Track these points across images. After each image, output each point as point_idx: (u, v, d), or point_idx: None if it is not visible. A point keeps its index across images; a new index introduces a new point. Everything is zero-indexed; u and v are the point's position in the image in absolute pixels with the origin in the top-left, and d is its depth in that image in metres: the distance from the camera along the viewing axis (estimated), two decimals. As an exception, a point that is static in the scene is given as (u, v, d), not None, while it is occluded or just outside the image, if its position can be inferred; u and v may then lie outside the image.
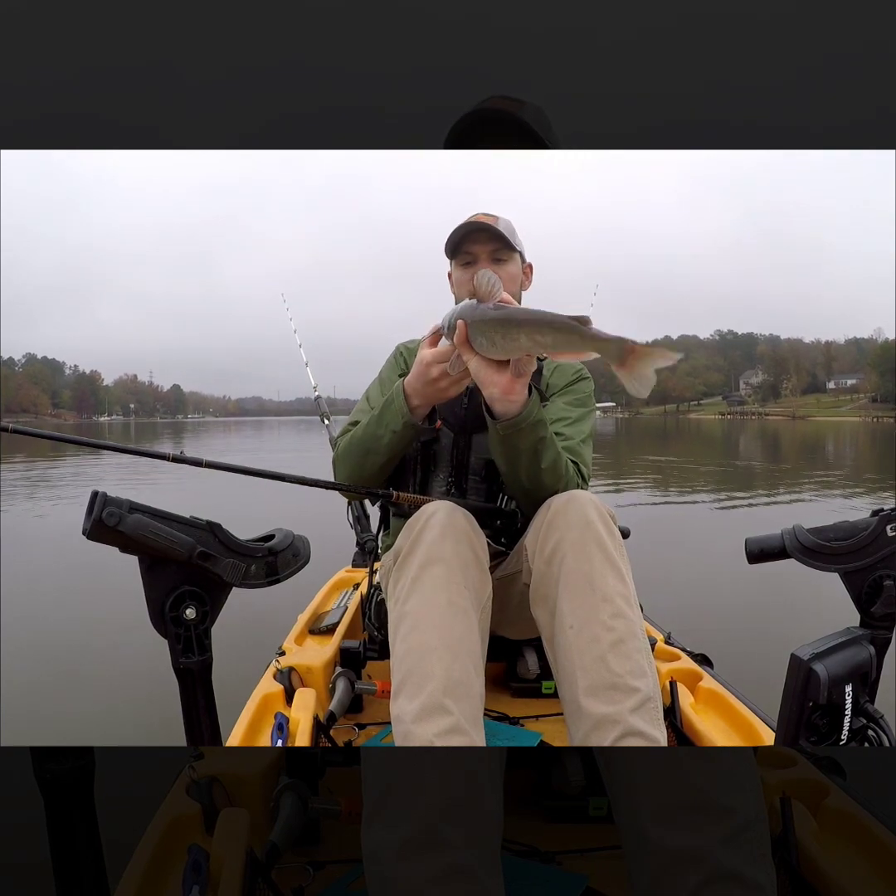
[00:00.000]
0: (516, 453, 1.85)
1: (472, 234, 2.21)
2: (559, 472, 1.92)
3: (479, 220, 2.23)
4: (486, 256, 2.22)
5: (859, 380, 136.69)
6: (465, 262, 2.25)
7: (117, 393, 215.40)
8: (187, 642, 1.47)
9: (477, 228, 2.20)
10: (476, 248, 2.22)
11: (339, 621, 2.66)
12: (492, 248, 2.22)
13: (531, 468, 1.87)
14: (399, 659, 1.64)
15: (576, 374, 2.29)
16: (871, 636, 1.59)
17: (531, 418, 1.77)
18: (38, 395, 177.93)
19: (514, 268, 2.26)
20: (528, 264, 2.35)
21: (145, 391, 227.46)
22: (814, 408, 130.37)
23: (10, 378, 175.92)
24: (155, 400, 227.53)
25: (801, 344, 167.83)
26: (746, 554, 1.74)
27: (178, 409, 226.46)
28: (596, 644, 1.59)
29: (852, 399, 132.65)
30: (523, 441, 1.82)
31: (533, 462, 1.86)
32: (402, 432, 1.95)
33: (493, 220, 2.23)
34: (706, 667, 2.36)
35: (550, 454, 1.88)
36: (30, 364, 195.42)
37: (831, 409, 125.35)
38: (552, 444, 1.88)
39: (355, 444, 2.08)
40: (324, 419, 3.52)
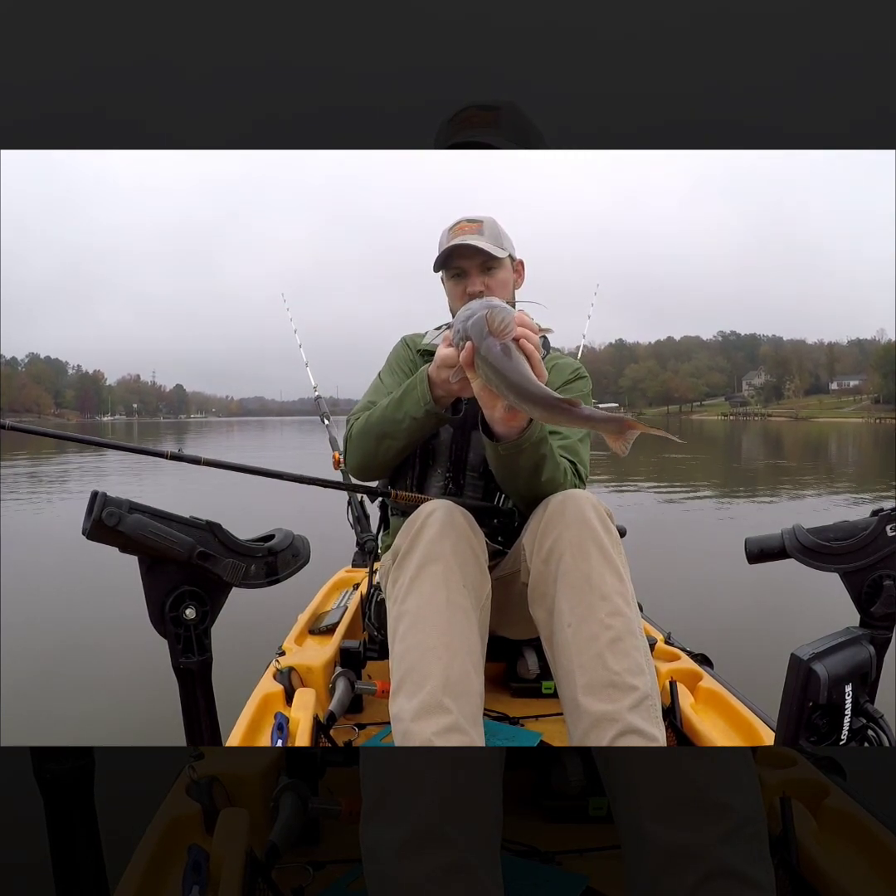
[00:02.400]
0: (515, 471, 1.87)
1: (459, 249, 2.20)
2: (557, 481, 1.92)
3: (462, 228, 2.22)
4: (475, 270, 2.22)
5: (862, 381, 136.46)
6: (454, 275, 2.25)
7: (120, 393, 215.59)
8: (187, 642, 1.48)
9: (462, 247, 2.18)
10: (464, 262, 2.22)
11: (338, 621, 2.66)
12: (480, 260, 2.21)
13: (530, 482, 1.89)
14: (398, 658, 1.65)
15: (573, 373, 2.29)
16: (870, 636, 1.59)
17: (533, 438, 1.78)
18: (41, 395, 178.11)
19: (504, 273, 2.26)
20: (519, 261, 2.34)
21: (148, 391, 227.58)
22: (816, 409, 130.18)
23: (13, 378, 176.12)
24: (158, 400, 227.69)
25: (804, 345, 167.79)
26: (746, 554, 1.74)
27: (180, 409, 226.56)
28: (594, 642, 1.60)
29: (855, 400, 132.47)
30: (524, 460, 1.83)
31: (532, 477, 1.87)
32: (423, 420, 1.95)
33: (476, 226, 2.22)
34: (706, 667, 2.36)
35: (550, 467, 1.89)
36: (33, 364, 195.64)
37: (834, 411, 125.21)
38: (552, 457, 1.89)
39: (372, 427, 2.07)
40: (324, 419, 3.52)
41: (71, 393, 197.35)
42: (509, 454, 1.81)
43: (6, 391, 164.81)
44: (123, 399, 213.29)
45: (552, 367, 2.28)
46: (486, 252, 2.19)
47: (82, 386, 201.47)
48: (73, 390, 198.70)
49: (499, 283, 2.25)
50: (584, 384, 2.29)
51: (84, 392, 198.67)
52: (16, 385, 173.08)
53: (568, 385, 2.25)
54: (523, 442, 1.78)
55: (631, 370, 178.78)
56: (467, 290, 2.22)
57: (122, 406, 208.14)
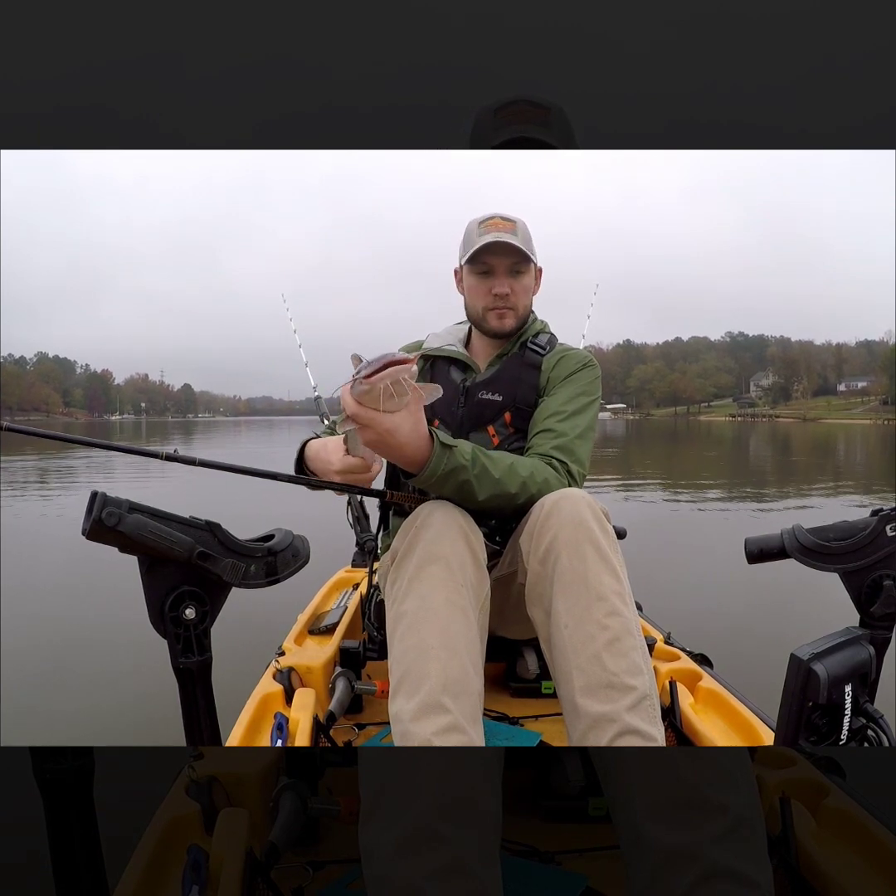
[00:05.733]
0: (447, 495, 1.85)
1: (495, 245, 2.17)
2: (508, 493, 1.86)
3: (497, 225, 2.20)
4: (504, 269, 2.21)
5: (870, 382, 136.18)
6: (481, 272, 2.24)
7: (128, 392, 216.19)
8: (187, 642, 1.48)
9: (501, 245, 2.16)
10: (494, 260, 2.20)
11: (338, 621, 2.66)
12: (511, 262, 2.20)
13: (470, 503, 1.85)
14: (397, 658, 1.65)
15: (579, 364, 2.27)
16: (870, 636, 1.59)
17: (440, 472, 1.74)
18: (49, 394, 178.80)
19: (529, 279, 2.27)
20: (539, 269, 2.34)
21: (156, 390, 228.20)
22: (824, 410, 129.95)
23: (21, 377, 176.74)
24: (166, 399, 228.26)
25: (812, 346, 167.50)
26: (746, 554, 1.74)
27: (188, 409, 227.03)
28: (591, 643, 1.59)
29: (863, 402, 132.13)
30: (445, 490, 1.81)
31: (469, 499, 1.83)
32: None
33: (511, 226, 2.20)
34: (706, 667, 2.36)
35: (486, 487, 1.82)
36: (41, 363, 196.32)
37: (842, 412, 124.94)
38: (485, 477, 1.82)
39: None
40: (323, 419, 3.53)
41: (79, 392, 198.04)
42: (429, 486, 1.80)
43: (15, 390, 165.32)
44: (132, 398, 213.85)
45: (559, 360, 2.27)
46: (520, 253, 2.18)
47: (90, 385, 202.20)
48: (81, 389, 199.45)
49: (523, 288, 2.25)
50: (590, 373, 2.26)
51: (92, 391, 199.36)
52: (24, 384, 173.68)
53: (573, 375, 2.24)
54: (429, 478, 1.74)
55: (639, 371, 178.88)
56: (493, 291, 2.22)
57: (131, 405, 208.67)
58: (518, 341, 2.32)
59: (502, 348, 2.32)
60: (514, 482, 1.87)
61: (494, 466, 1.84)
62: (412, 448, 1.67)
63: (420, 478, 1.74)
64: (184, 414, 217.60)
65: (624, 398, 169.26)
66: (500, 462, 1.87)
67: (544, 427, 2.11)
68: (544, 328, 2.38)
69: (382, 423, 1.59)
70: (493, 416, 2.23)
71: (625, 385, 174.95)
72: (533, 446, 2.09)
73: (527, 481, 1.89)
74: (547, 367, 2.27)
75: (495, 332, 2.28)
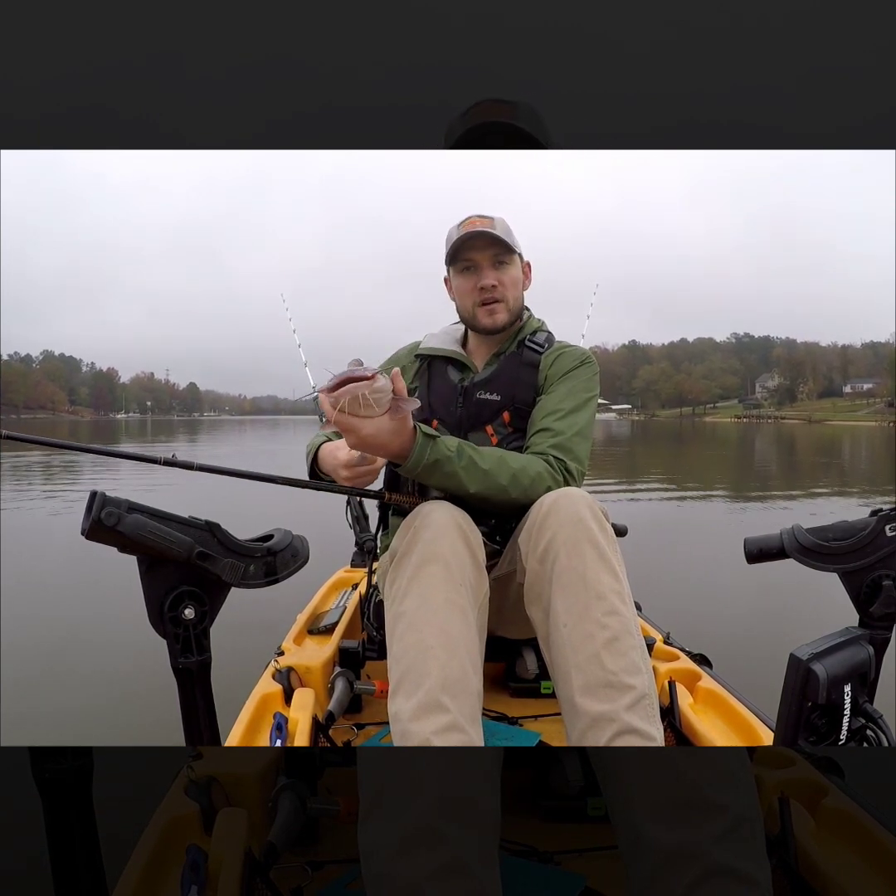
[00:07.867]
0: (437, 486, 1.87)
1: (471, 241, 2.18)
2: (499, 484, 1.87)
3: (474, 224, 2.20)
4: (487, 263, 2.21)
5: (876, 384, 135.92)
6: (464, 268, 2.24)
7: (134, 390, 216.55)
8: (186, 642, 1.48)
9: (476, 234, 2.18)
10: (476, 254, 2.20)
11: (337, 621, 2.66)
12: (492, 253, 2.20)
13: (460, 493, 1.86)
14: (396, 658, 1.65)
15: (577, 361, 2.26)
16: (869, 636, 1.59)
17: (424, 462, 1.76)
18: (55, 392, 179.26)
19: (515, 271, 2.26)
20: (527, 263, 2.33)
21: (162, 389, 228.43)
22: (830, 412, 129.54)
23: (27, 375, 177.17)
24: (171, 398, 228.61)
25: (818, 347, 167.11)
26: (745, 554, 1.74)
27: (194, 408, 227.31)
28: (590, 642, 1.59)
29: (868, 403, 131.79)
30: (433, 481, 1.83)
31: (459, 489, 1.85)
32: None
33: (488, 222, 2.21)
34: (705, 667, 2.35)
35: (475, 479, 1.84)
36: (47, 361, 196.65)
37: (847, 414, 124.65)
38: (473, 469, 1.84)
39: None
40: (322, 419, 3.53)
41: (85, 390, 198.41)
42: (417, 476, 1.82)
43: (21, 388, 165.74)
44: (137, 396, 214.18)
45: (558, 356, 2.26)
46: (500, 243, 2.18)
47: (96, 383, 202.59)
48: (87, 387, 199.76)
49: (510, 280, 2.24)
50: (588, 369, 2.25)
51: (98, 389, 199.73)
52: (30, 382, 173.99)
53: (571, 372, 2.22)
54: (413, 468, 1.78)
55: (644, 371, 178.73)
56: (479, 284, 2.22)
57: (136, 404, 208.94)
58: (515, 340, 2.31)
59: (499, 347, 2.31)
60: (503, 474, 1.87)
61: (483, 459, 1.86)
62: (396, 446, 1.73)
63: (405, 467, 1.77)
64: (189, 413, 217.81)
65: (629, 399, 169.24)
66: (490, 455, 1.89)
67: (542, 426, 2.10)
68: (541, 326, 2.37)
69: (362, 429, 1.64)
70: (492, 415, 2.22)
71: (630, 386, 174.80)
72: (531, 446, 2.08)
73: (517, 473, 1.89)
74: (545, 365, 2.25)
75: (487, 328, 2.27)
